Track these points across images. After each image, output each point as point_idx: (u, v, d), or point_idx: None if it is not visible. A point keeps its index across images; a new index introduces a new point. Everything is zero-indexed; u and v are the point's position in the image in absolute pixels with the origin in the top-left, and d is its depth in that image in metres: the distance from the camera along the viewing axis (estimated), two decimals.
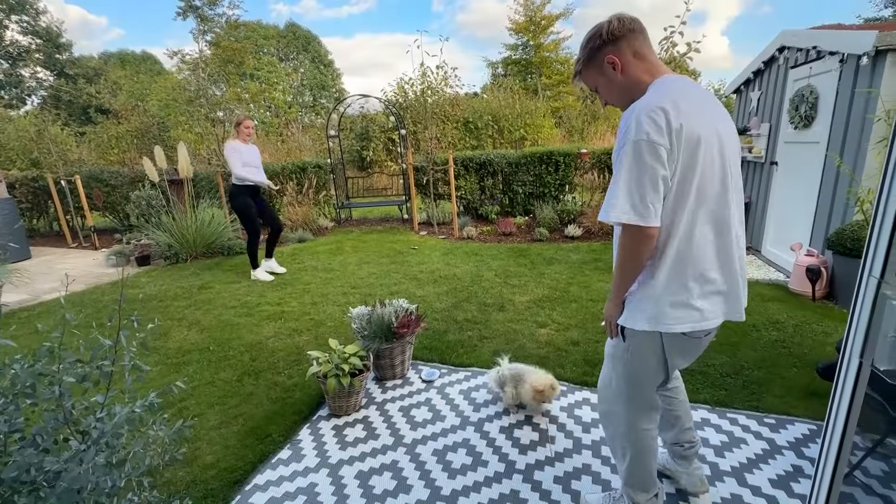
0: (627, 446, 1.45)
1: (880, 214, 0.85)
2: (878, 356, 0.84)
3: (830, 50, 3.62)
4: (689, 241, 1.18)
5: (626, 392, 1.41)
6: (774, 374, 2.46)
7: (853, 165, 3.32)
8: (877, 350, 0.84)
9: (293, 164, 7.42)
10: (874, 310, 0.84)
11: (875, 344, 0.83)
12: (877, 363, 0.85)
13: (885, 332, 0.81)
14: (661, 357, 1.32)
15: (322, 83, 31.46)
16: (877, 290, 0.83)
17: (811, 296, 3.49)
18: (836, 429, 0.94)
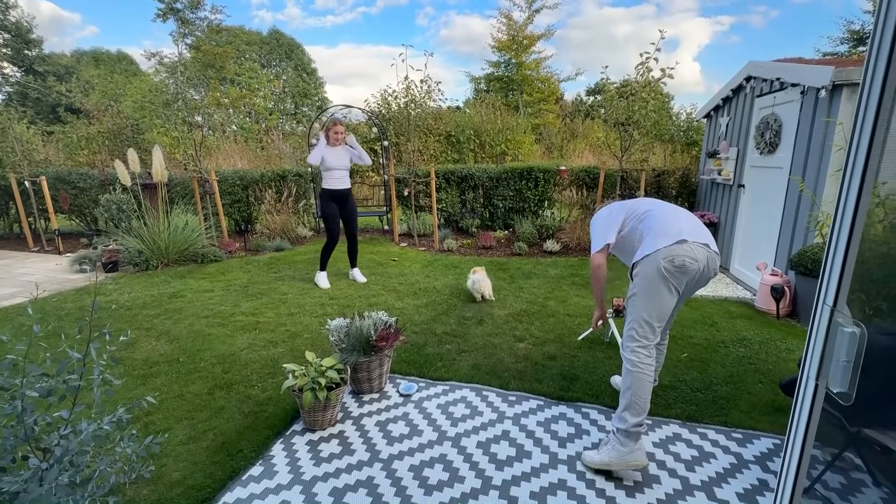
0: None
1: (833, 247, 0.90)
2: (831, 380, 0.88)
3: (792, 82, 3.85)
4: None
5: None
6: (741, 390, 2.55)
7: (813, 190, 3.52)
8: (829, 374, 0.88)
9: (273, 171, 7.32)
10: (827, 336, 0.88)
11: (829, 368, 0.88)
12: (830, 386, 0.89)
13: (836, 357, 0.86)
14: None
15: (304, 91, 31.29)
16: (830, 318, 0.88)
17: (776, 314, 3.64)
18: (796, 445, 0.99)
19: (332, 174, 4.42)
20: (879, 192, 2.14)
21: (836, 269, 0.88)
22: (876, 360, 1.56)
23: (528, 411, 2.39)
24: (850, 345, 0.83)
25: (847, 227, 0.88)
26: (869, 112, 0.85)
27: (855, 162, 0.86)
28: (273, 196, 6.90)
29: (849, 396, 0.86)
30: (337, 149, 4.44)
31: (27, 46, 22.23)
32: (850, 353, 0.83)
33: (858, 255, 0.93)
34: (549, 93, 19.14)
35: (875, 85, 0.83)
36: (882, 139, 0.84)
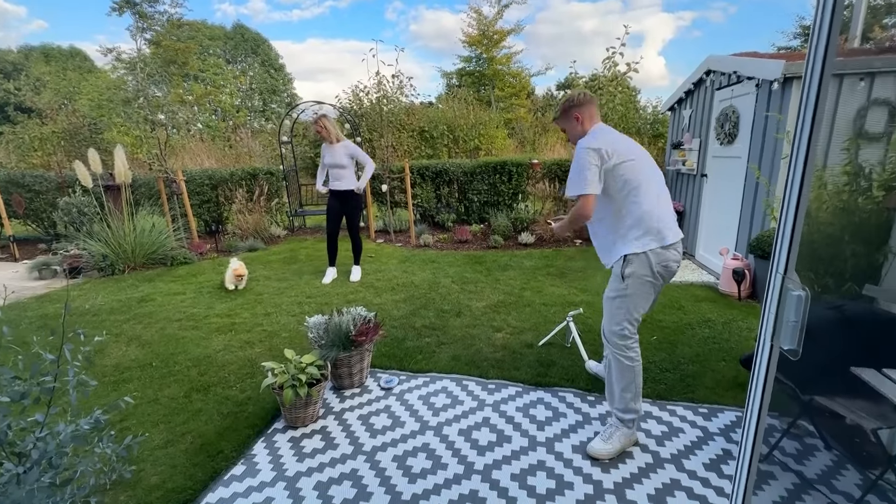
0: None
1: (783, 222, 0.99)
2: (782, 339, 0.97)
3: (748, 75, 4.04)
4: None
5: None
6: (706, 368, 2.70)
7: (768, 178, 3.72)
8: (781, 334, 0.97)
9: (243, 170, 7.16)
10: (780, 301, 0.98)
11: (780, 328, 0.97)
12: (781, 344, 0.98)
13: (787, 318, 0.95)
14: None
15: (273, 87, 30.54)
16: (781, 284, 0.97)
17: (737, 296, 3.84)
18: (754, 406, 1.07)
19: (331, 173, 4.43)
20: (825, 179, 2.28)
21: (785, 241, 0.97)
22: (824, 332, 1.69)
23: (508, 398, 2.45)
24: (798, 306, 0.93)
25: (794, 202, 0.97)
26: (809, 103, 0.95)
27: (798, 147, 0.95)
28: (244, 195, 6.75)
29: (796, 353, 0.95)
30: (333, 147, 4.40)
31: None
32: (798, 314, 0.93)
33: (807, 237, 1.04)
34: (520, 87, 19.33)
35: (814, 77, 0.92)
36: (818, 129, 0.94)
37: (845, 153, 2.46)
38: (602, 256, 2.08)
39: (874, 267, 1.86)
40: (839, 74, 3.24)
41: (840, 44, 3.10)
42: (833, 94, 3.47)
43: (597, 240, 2.10)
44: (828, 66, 0.92)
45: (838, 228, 2.03)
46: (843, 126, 3.46)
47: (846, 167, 2.12)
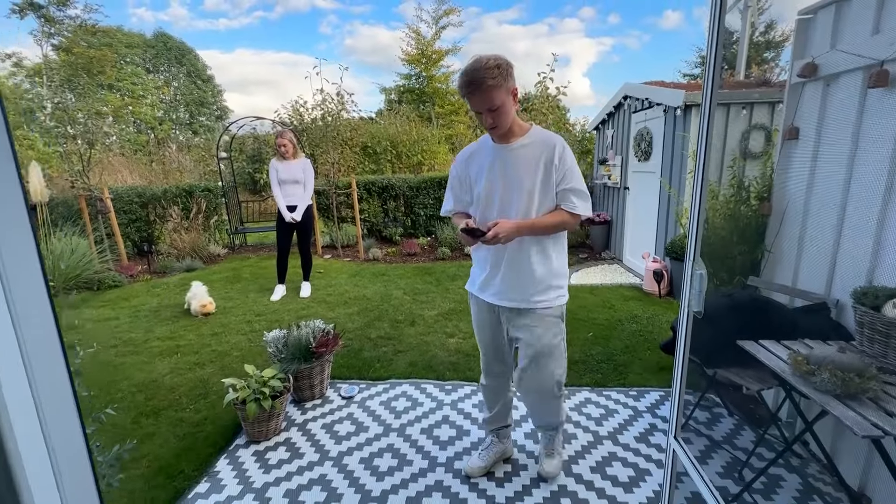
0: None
1: (691, 224, 1.31)
2: (693, 304, 1.28)
3: (657, 101, 4.65)
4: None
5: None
6: (635, 357, 3.06)
7: (677, 190, 4.29)
8: (692, 302, 1.28)
9: (177, 187, 6.82)
10: (691, 277, 1.28)
11: (692, 297, 1.28)
12: (692, 307, 1.29)
13: (694, 288, 1.25)
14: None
15: (201, 99, 28.96)
16: (692, 266, 1.28)
17: (658, 294, 4.35)
18: (681, 348, 1.37)
19: (284, 189, 4.35)
20: (717, 191, 2.75)
21: (692, 236, 1.30)
22: (720, 316, 2.06)
23: (465, 396, 2.63)
24: (701, 281, 1.28)
25: (697, 209, 1.29)
26: (703, 128, 1.27)
27: (698, 164, 1.27)
28: (179, 213, 6.42)
29: (700, 313, 1.30)
30: (290, 163, 4.35)
31: None
32: (701, 286, 1.28)
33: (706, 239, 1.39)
34: (459, 105, 20.03)
35: (705, 107, 1.25)
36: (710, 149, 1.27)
37: (730, 169, 2.98)
38: (525, 292, 1.69)
39: (755, 262, 2.29)
40: (726, 104, 3.87)
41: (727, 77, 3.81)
42: (722, 121, 4.11)
43: (532, 269, 1.68)
44: (714, 98, 1.25)
45: (728, 232, 2.47)
46: (731, 146, 4.11)
47: (732, 181, 2.59)
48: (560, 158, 1.60)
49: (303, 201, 4.39)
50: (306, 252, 4.67)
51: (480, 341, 1.95)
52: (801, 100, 2.06)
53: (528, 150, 1.62)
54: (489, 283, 1.78)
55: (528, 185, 1.61)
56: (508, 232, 1.55)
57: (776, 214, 2.23)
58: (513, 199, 1.64)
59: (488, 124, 1.57)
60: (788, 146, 2.14)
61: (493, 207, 1.69)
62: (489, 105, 1.51)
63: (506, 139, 1.64)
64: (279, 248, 4.57)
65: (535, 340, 1.73)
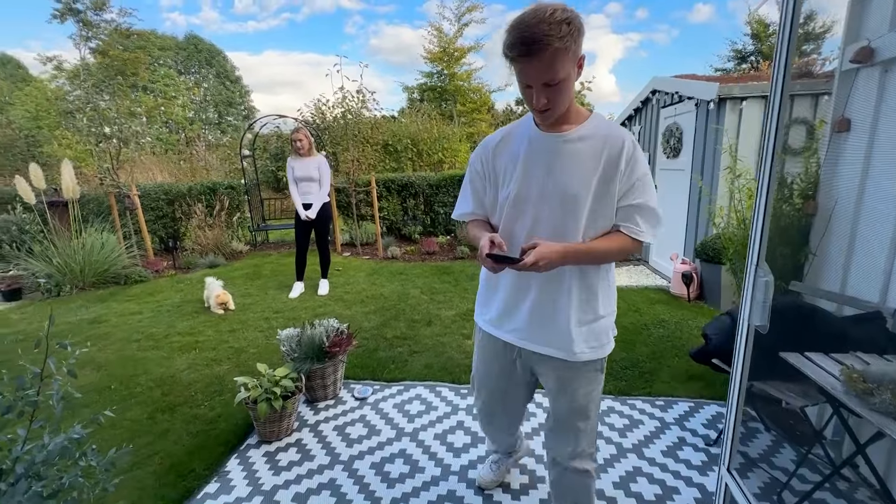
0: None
1: (754, 225, 1.18)
2: (753, 317, 1.15)
3: (688, 95, 4.43)
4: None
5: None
6: (662, 364, 2.90)
7: (710, 188, 4.07)
8: (753, 312, 1.15)
9: (202, 184, 6.95)
10: (754, 285, 1.16)
11: (753, 308, 1.16)
12: (752, 321, 1.16)
13: (757, 298, 1.12)
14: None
15: (229, 100, 29.73)
16: (755, 273, 1.16)
17: (687, 297, 4.14)
18: (736, 377, 1.24)
19: (300, 186, 4.35)
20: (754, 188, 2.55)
21: (756, 237, 1.16)
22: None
23: None
24: (766, 289, 1.12)
25: (762, 208, 1.15)
26: (772, 119, 1.12)
27: (771, 157, 1.12)
28: (203, 210, 6.54)
29: (764, 328, 1.14)
30: (305, 160, 4.35)
31: None
32: (766, 295, 1.13)
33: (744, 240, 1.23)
34: (481, 103, 19.88)
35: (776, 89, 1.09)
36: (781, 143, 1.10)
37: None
38: (563, 337, 1.26)
39: (797, 266, 2.11)
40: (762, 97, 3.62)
41: (763, 69, 3.54)
42: (757, 115, 3.88)
43: (573, 302, 1.24)
44: (786, 80, 1.09)
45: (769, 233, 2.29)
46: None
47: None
48: (629, 161, 1.13)
49: (318, 199, 4.37)
50: (324, 250, 4.66)
51: (483, 386, 1.54)
52: (853, 88, 1.87)
53: (586, 146, 1.15)
54: (509, 316, 1.32)
55: (579, 194, 1.15)
56: (552, 260, 1.09)
57: (822, 214, 2.05)
58: (553, 211, 1.18)
59: (540, 105, 1.08)
60: (838, 139, 1.96)
61: (523, 219, 1.23)
62: (549, 77, 1.03)
63: (556, 126, 1.17)
64: (297, 245, 4.58)
65: (567, 400, 1.33)
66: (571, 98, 1.14)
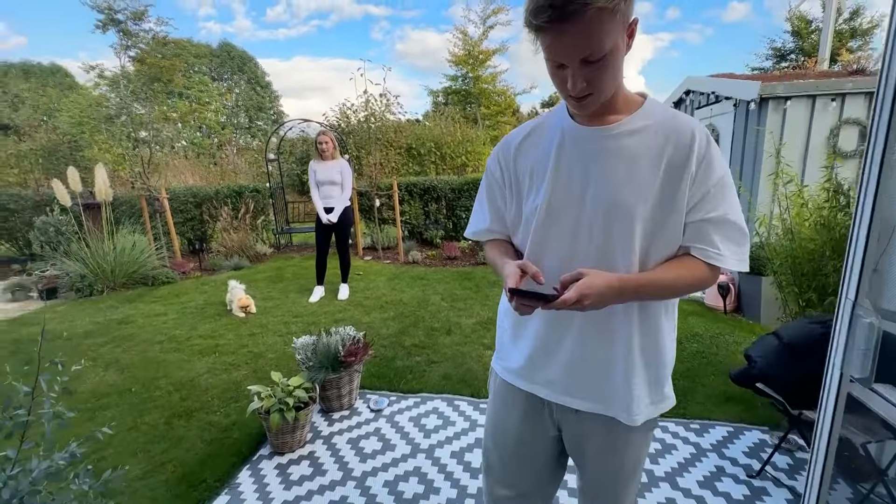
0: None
1: (853, 247, 0.96)
2: (852, 367, 0.94)
3: (726, 95, 4.19)
4: None
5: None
6: (697, 383, 2.71)
7: (749, 193, 3.82)
8: (851, 361, 0.94)
9: (228, 187, 7.08)
10: (850, 327, 0.95)
11: (850, 356, 0.94)
12: (851, 372, 0.96)
13: (857, 345, 0.93)
14: None
15: (259, 105, 30.55)
16: (851, 311, 0.95)
17: (723, 309, 3.90)
18: (823, 433, 1.04)
19: (322, 190, 4.35)
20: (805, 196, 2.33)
21: (855, 267, 0.94)
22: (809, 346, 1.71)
23: None
24: (869, 334, 0.89)
25: (865, 228, 0.93)
26: (883, 120, 0.90)
27: (870, 168, 0.91)
28: (229, 213, 6.66)
29: (868, 381, 0.92)
30: (327, 164, 4.35)
31: None
32: (869, 342, 0.90)
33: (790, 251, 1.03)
34: (505, 105, 19.71)
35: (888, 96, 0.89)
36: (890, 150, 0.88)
37: (824, 170, 2.55)
38: (616, 393, 0.96)
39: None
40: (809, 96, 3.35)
41: (809, 65, 3.27)
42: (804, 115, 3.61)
43: (630, 350, 0.93)
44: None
45: (820, 244, 2.09)
46: (816, 143, 3.60)
47: (825, 184, 2.20)
48: (700, 161, 0.85)
49: (340, 203, 4.35)
50: (344, 253, 4.64)
51: (495, 446, 1.13)
52: None
53: (640, 142, 0.87)
54: (542, 363, 1.00)
55: (634, 207, 0.86)
56: (603, 296, 0.81)
57: (885, 224, 1.84)
58: (598, 230, 0.89)
59: (578, 90, 0.80)
60: None
61: (556, 240, 0.94)
62: (591, 50, 0.75)
63: (600, 117, 0.89)
64: (317, 249, 4.57)
65: (614, 466, 1.04)
66: (620, 78, 0.85)
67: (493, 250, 1.08)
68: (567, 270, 0.86)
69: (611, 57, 0.77)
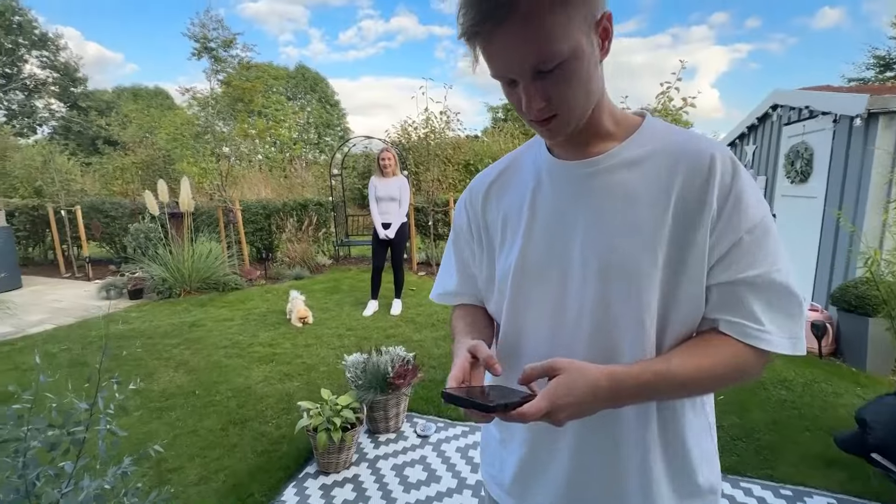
0: None
1: None
2: None
3: (823, 110, 3.74)
4: None
5: None
6: (787, 439, 2.35)
7: (853, 222, 3.34)
8: None
9: (295, 201, 7.47)
10: None
11: None
12: None
13: None
14: None
15: (327, 122, 32.45)
16: None
17: (818, 352, 3.41)
18: None
19: (381, 206, 4.45)
20: None
21: None
22: None
23: None
24: None
25: None
26: None
27: None
28: (294, 224, 7.01)
29: None
30: (388, 180, 4.45)
31: (73, 84, 23.83)
32: None
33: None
34: None
35: None
36: None
37: None
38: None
39: None
40: None
41: None
42: None
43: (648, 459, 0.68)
44: None
45: None
46: None
47: None
48: (726, 198, 0.62)
49: (397, 219, 4.40)
50: (399, 269, 4.67)
51: None
52: None
53: (640, 175, 0.66)
54: (535, 479, 0.76)
55: (638, 263, 0.64)
56: (582, 406, 0.58)
57: None
58: (590, 296, 0.66)
59: (536, 111, 0.61)
60: None
61: (537, 309, 0.72)
62: (540, 55, 0.56)
63: (583, 147, 0.69)
64: (374, 264, 4.64)
65: None
66: (597, 91, 0.63)
67: (458, 321, 0.83)
68: (556, 354, 0.61)
69: (573, 64, 0.57)
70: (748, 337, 0.62)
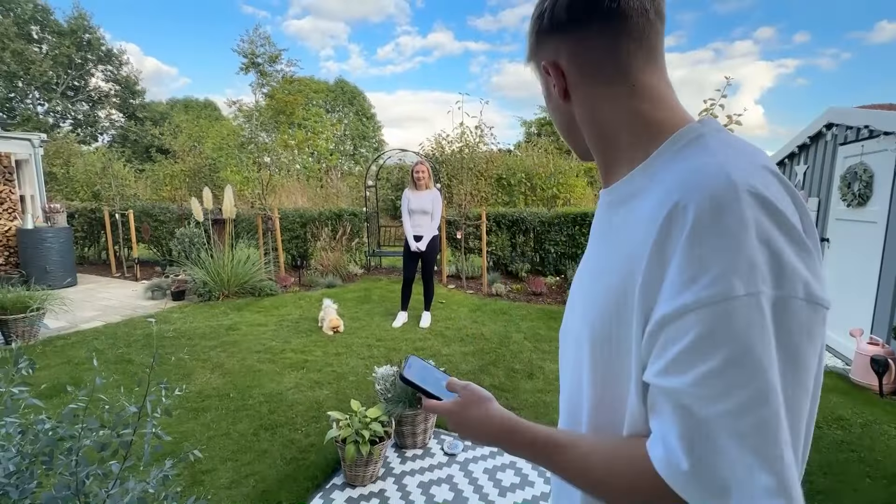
0: None
1: None
2: None
3: (886, 130, 3.51)
4: None
5: None
6: (845, 485, 2.16)
7: None
8: None
9: (330, 210, 7.66)
10: None
11: None
12: None
13: None
14: None
15: (363, 134, 33.34)
16: None
17: (878, 390, 3.15)
18: None
19: (413, 218, 4.50)
20: None
21: None
22: None
23: None
24: None
25: None
26: None
27: None
28: (329, 234, 7.18)
29: None
30: (421, 193, 4.50)
31: (132, 96, 25.58)
32: None
33: None
34: None
35: None
36: None
37: None
38: None
39: None
40: None
41: None
42: None
43: None
44: None
45: None
46: None
47: None
48: (669, 251, 0.44)
49: (429, 231, 4.43)
50: (429, 281, 4.68)
51: None
52: None
53: (636, 217, 0.52)
54: None
55: (595, 318, 0.54)
56: (471, 430, 0.62)
57: None
58: (574, 344, 0.60)
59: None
60: None
61: (563, 354, 0.68)
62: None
63: (605, 176, 0.61)
64: (404, 275, 4.67)
65: None
66: (575, 128, 0.61)
67: None
68: (568, 398, 0.61)
69: (547, 105, 0.66)
70: (657, 458, 0.45)
